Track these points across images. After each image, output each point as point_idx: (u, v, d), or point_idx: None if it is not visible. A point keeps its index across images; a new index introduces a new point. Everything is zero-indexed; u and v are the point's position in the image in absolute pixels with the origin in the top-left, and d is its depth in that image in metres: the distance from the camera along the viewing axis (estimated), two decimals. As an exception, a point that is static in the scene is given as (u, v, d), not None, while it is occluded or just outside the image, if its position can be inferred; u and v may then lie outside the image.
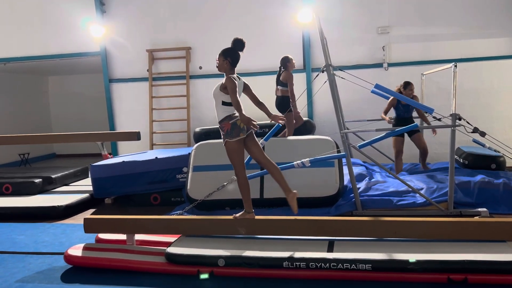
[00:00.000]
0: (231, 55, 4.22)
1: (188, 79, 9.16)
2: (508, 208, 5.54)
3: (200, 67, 9.21)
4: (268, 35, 8.84)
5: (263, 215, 4.46)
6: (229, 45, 4.36)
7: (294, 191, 4.17)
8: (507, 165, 6.53)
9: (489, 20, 8.14)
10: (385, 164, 7.60)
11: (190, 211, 5.64)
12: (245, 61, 8.88)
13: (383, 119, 6.86)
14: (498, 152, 6.42)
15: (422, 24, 8.30)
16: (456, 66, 5.62)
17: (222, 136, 4.22)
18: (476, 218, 4.59)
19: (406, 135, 6.89)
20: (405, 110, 6.78)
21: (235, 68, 4.35)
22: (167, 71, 9.32)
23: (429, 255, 3.59)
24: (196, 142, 7.16)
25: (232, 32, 8.86)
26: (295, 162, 5.30)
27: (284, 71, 6.52)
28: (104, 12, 9.34)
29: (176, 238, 4.42)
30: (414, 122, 6.53)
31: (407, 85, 6.70)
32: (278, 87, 6.55)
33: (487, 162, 6.39)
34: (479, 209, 5.39)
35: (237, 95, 4.06)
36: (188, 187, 5.88)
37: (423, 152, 6.97)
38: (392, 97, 6.68)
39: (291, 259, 3.68)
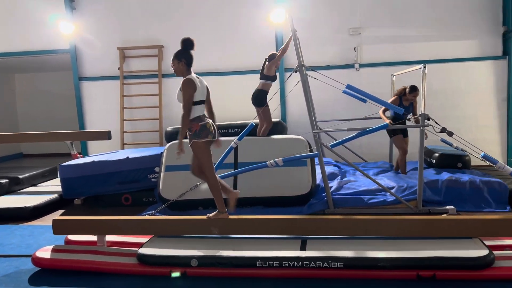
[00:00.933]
0: (184, 56, 4.23)
1: (160, 78, 9.06)
2: (474, 206, 5.72)
3: (173, 66, 9.11)
4: (242, 34, 8.84)
5: (236, 215, 4.45)
6: (203, 43, 4.35)
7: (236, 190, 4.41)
8: (473, 164, 6.71)
9: (457, 23, 8.36)
10: (356, 163, 7.73)
11: (163, 212, 5.58)
12: (218, 60, 9.02)
13: (381, 117, 6.72)
14: (465, 151, 6.59)
15: (393, 26, 8.46)
16: (425, 67, 5.76)
17: (188, 137, 4.19)
18: (444, 216, 4.71)
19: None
20: (404, 111, 6.75)
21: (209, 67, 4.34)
22: (139, 70, 9.19)
23: (399, 253, 3.66)
24: (168, 142, 7.09)
25: (205, 31, 8.93)
26: (268, 162, 5.32)
27: (268, 65, 6.37)
28: (73, 9, 9.13)
29: (148, 239, 4.36)
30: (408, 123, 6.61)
31: (414, 90, 6.54)
32: (261, 80, 6.46)
33: (454, 161, 6.57)
34: (447, 207, 5.54)
35: (190, 104, 4.05)
36: (160, 187, 5.81)
37: (403, 153, 6.96)
38: (394, 97, 6.74)
39: (264, 258, 3.69)
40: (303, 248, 3.90)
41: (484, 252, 3.59)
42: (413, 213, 5.40)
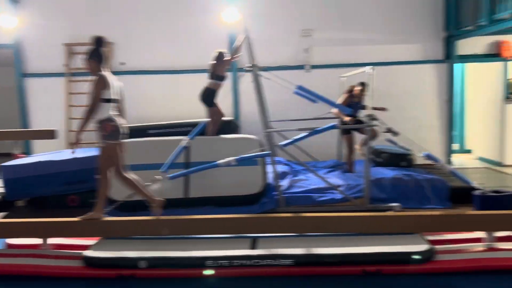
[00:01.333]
0: (95, 54, 4.25)
1: (110, 75, 8.80)
2: (417, 203, 5.93)
3: (123, 63, 8.90)
4: (194, 32, 8.76)
5: (188, 215, 4.41)
6: (154, 41, 4.34)
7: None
8: (416, 162, 7.01)
9: (403, 28, 8.70)
10: (307, 162, 7.86)
11: (111, 213, 5.42)
12: (170, 58, 8.89)
13: (337, 116, 6.82)
14: (409, 150, 6.87)
15: (343, 29, 8.68)
16: (373, 69, 5.94)
17: (100, 137, 4.14)
18: (390, 213, 4.88)
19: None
20: (355, 110, 6.98)
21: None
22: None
23: (346, 249, 3.78)
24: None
25: (157, 28, 8.78)
26: (220, 161, 5.30)
27: (217, 64, 6.34)
28: (17, 2, 8.71)
29: (96, 241, 4.24)
30: (362, 121, 6.76)
31: (362, 86, 6.83)
32: (210, 80, 6.41)
33: (398, 160, 6.81)
34: (392, 204, 5.73)
35: (96, 100, 4.08)
36: (109, 188, 5.65)
37: (350, 152, 7.14)
38: (345, 96, 6.85)
39: (214, 257, 3.69)
40: (253, 246, 3.93)
41: (425, 246, 3.77)
42: (360, 210, 5.56)
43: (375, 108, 6.75)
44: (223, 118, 6.87)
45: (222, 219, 4.18)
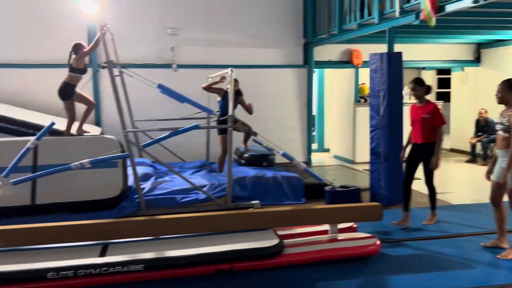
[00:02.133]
0: None
1: None
2: (276, 199, 6.27)
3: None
4: (51, 24, 8.09)
5: (35, 223, 4.00)
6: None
7: None
8: (277, 161, 7.37)
9: (267, 33, 9.06)
10: (174, 163, 7.76)
11: None
12: (23, 52, 8.07)
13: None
14: (272, 150, 7.17)
15: (209, 30, 8.74)
16: (232, 71, 6.07)
17: None
18: (250, 210, 5.03)
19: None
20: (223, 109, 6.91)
21: None
22: None
23: (199, 249, 3.77)
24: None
25: (6, 18, 7.89)
26: (73, 164, 4.94)
27: (75, 57, 5.94)
28: None
29: None
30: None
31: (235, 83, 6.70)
32: (69, 73, 5.97)
33: (260, 160, 7.05)
34: (253, 202, 5.96)
35: None
36: None
37: (223, 153, 7.15)
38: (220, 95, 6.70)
39: (56, 269, 3.39)
40: (102, 253, 3.72)
41: (275, 241, 3.94)
42: (223, 209, 5.64)
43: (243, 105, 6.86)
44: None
45: (72, 226, 3.87)
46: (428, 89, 5.27)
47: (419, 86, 5.18)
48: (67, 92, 5.88)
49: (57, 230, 3.82)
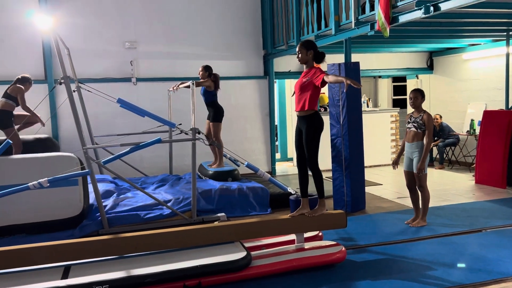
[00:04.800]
0: None
1: None
2: (242, 211, 6.25)
3: None
4: (4, 39, 7.81)
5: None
6: None
7: None
8: (242, 172, 7.36)
9: (228, 46, 9.08)
10: (137, 178, 7.62)
11: None
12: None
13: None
14: (237, 161, 7.16)
15: (168, 43, 8.68)
16: (193, 83, 6.05)
17: None
18: (216, 223, 4.99)
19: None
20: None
21: None
22: None
23: (166, 266, 3.70)
24: None
25: None
26: (30, 183, 4.76)
27: (16, 85, 5.90)
28: None
29: None
30: None
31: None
32: (2, 98, 5.90)
33: (224, 177, 6.96)
34: (219, 214, 5.92)
35: None
36: None
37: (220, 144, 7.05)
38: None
39: (15, 295, 3.25)
40: (65, 276, 3.58)
41: (242, 254, 3.92)
42: (188, 224, 5.58)
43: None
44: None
45: (30, 249, 3.72)
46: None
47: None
48: (3, 119, 5.77)
49: (14, 254, 3.67)
